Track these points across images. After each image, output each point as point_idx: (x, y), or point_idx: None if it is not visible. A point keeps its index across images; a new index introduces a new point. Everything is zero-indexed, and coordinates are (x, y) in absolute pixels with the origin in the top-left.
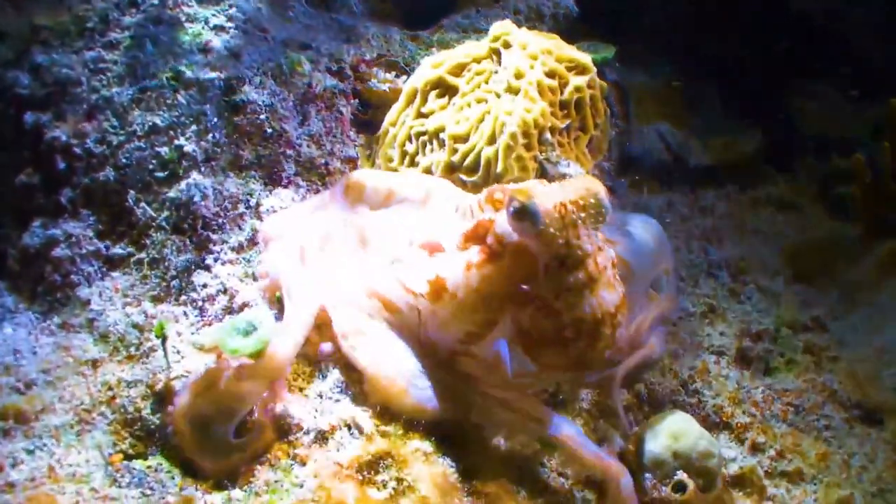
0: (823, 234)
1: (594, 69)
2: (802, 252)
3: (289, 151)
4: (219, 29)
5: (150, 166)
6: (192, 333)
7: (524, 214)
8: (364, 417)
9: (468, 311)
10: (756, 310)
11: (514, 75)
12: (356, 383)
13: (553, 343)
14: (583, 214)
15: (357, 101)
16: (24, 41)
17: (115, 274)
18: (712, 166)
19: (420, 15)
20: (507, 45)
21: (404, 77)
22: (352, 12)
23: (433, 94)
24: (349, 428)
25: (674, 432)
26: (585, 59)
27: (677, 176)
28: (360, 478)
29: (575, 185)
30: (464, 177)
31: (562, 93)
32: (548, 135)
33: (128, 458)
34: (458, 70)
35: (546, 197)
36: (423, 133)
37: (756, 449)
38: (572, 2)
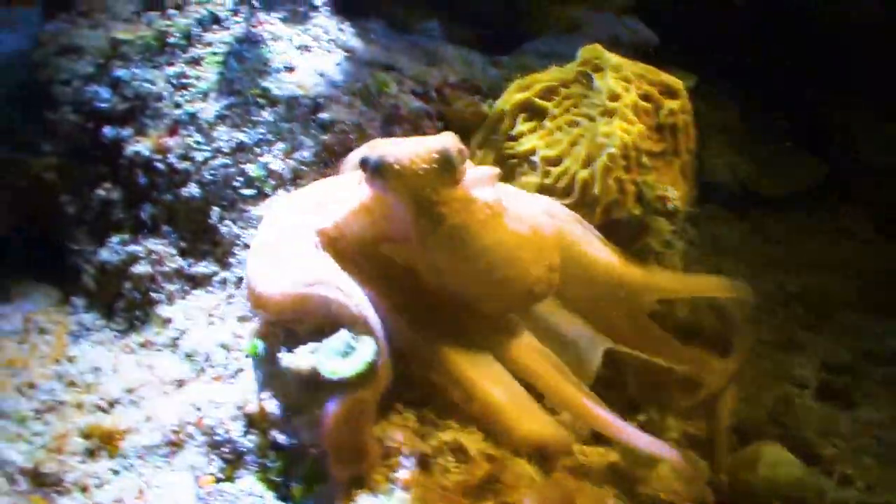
0: None
1: (686, 94)
2: (877, 283)
3: None
4: (303, 48)
5: (236, 183)
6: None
7: (368, 168)
8: (469, 440)
9: None
10: (835, 341)
11: (608, 97)
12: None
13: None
14: (431, 167)
15: (442, 123)
16: (103, 55)
17: (197, 292)
18: (782, 196)
19: (498, 40)
20: (597, 69)
21: (488, 101)
22: (432, 36)
23: (521, 117)
24: (453, 451)
25: (771, 463)
26: (678, 83)
27: (747, 206)
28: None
29: (427, 141)
30: (559, 200)
31: (656, 116)
32: (645, 158)
33: (218, 480)
34: (547, 93)
35: (392, 151)
36: (513, 156)
37: (846, 482)
38: (650, 31)
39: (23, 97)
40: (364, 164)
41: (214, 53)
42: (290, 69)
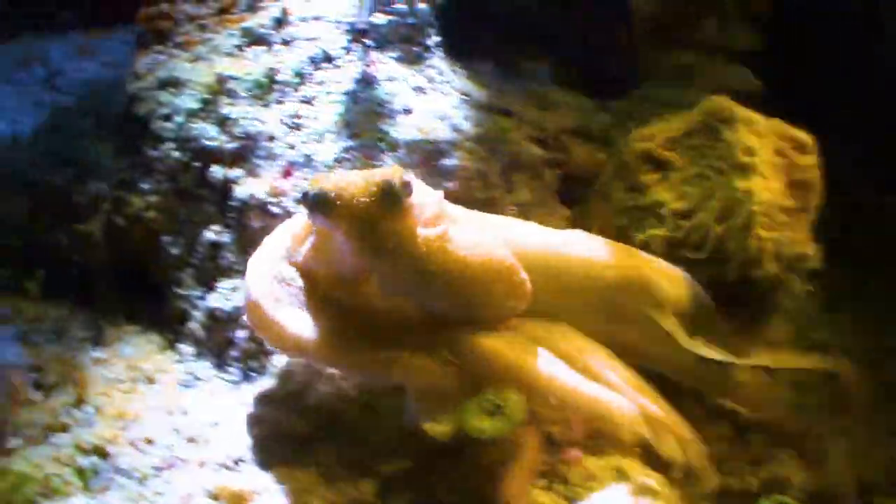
0: None
1: (816, 149)
2: None
3: None
4: (419, 90)
5: None
6: None
7: (308, 202)
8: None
9: None
10: None
11: (742, 152)
12: None
13: None
14: (372, 199)
15: (559, 171)
16: (209, 91)
17: None
18: None
19: (605, 83)
20: (724, 121)
21: (604, 148)
22: (540, 79)
23: (644, 167)
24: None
25: None
26: (809, 138)
27: None
28: None
29: (370, 173)
30: (688, 254)
31: (789, 172)
32: (781, 215)
33: None
34: (670, 144)
35: (332, 183)
36: (637, 207)
37: None
38: (757, 80)
39: (118, 131)
40: (304, 198)
41: (329, 93)
42: (407, 111)
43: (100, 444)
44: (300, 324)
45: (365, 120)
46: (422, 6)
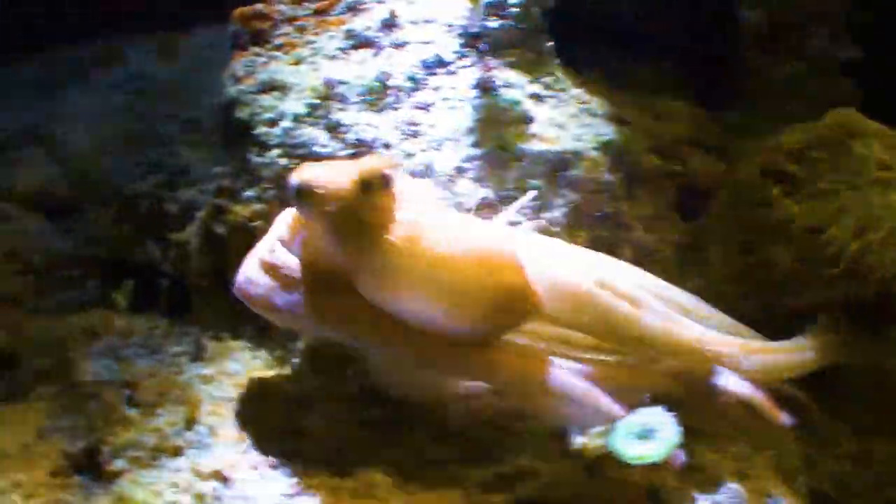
0: None
1: None
2: None
3: (624, 234)
4: (536, 98)
5: None
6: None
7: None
8: None
9: None
10: None
11: (878, 167)
12: None
13: None
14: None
15: (680, 184)
16: (317, 95)
17: None
18: None
19: (715, 95)
20: (853, 135)
21: (720, 160)
22: (650, 88)
23: (767, 181)
24: None
25: None
26: None
27: None
28: None
29: (351, 164)
30: (821, 269)
31: None
32: None
33: None
34: (793, 157)
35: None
36: (762, 222)
37: None
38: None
39: (210, 135)
40: (286, 187)
41: (445, 100)
42: (528, 120)
43: (220, 469)
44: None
45: (485, 128)
46: (535, 10)
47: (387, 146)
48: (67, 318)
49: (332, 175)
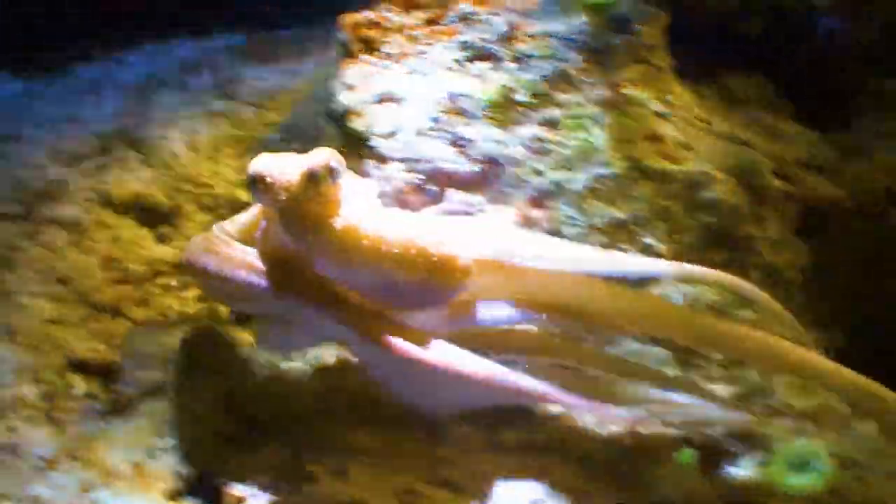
0: None
1: None
2: None
3: (753, 258)
4: (661, 116)
5: None
6: None
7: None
8: None
9: None
10: None
11: None
12: None
13: None
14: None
15: (800, 206)
16: (439, 108)
17: None
18: None
19: (825, 115)
20: None
21: (837, 180)
22: (761, 107)
23: (889, 201)
24: None
25: None
26: None
27: None
28: None
29: (303, 156)
30: None
31: None
32: None
33: None
34: None
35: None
36: (888, 241)
37: None
38: None
39: (324, 144)
40: (247, 176)
41: (573, 117)
42: (656, 139)
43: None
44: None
45: (614, 147)
46: (655, 25)
47: (515, 163)
48: (170, 330)
49: (283, 167)
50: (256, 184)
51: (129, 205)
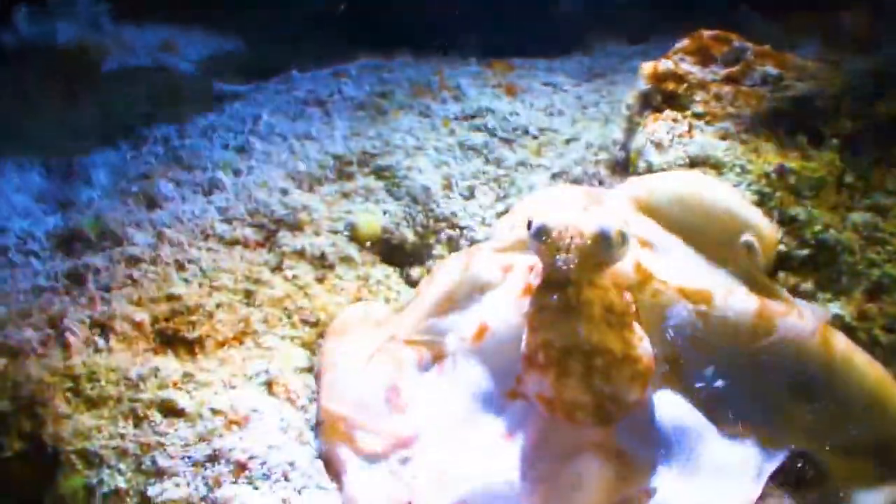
0: None
1: None
2: None
3: None
4: None
5: None
6: None
7: (530, 228)
8: None
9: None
10: None
11: None
12: None
13: (528, 366)
14: (585, 242)
15: None
16: (766, 182)
17: None
18: None
19: None
20: None
21: None
22: None
23: None
24: None
25: None
26: None
27: None
28: None
29: (595, 215)
30: None
31: None
32: None
33: None
34: None
35: (557, 216)
36: None
37: None
38: None
39: None
40: (528, 225)
41: None
42: None
43: None
44: None
45: None
46: None
47: (850, 252)
48: None
49: (575, 220)
50: (541, 233)
51: (373, 240)
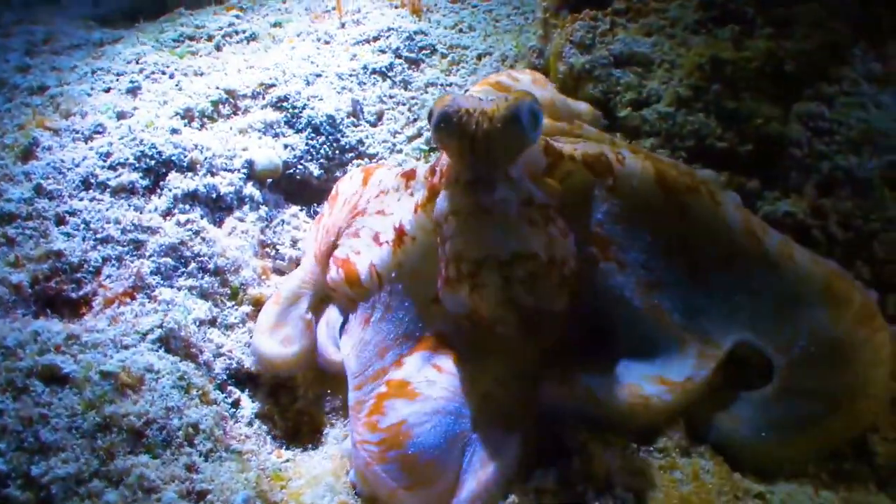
0: None
1: None
2: None
3: None
4: None
5: None
6: None
7: (431, 119)
8: None
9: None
10: None
11: None
12: None
13: (443, 283)
14: (495, 127)
15: None
16: (698, 76)
17: None
18: None
19: None
20: None
21: None
22: None
23: None
24: None
25: None
26: None
27: None
28: None
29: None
30: None
31: None
32: None
33: None
34: None
35: (459, 100)
36: None
37: None
38: None
39: None
40: (429, 114)
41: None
42: None
43: None
44: None
45: None
46: None
47: (796, 145)
48: None
49: (480, 104)
50: (444, 119)
51: (276, 177)
